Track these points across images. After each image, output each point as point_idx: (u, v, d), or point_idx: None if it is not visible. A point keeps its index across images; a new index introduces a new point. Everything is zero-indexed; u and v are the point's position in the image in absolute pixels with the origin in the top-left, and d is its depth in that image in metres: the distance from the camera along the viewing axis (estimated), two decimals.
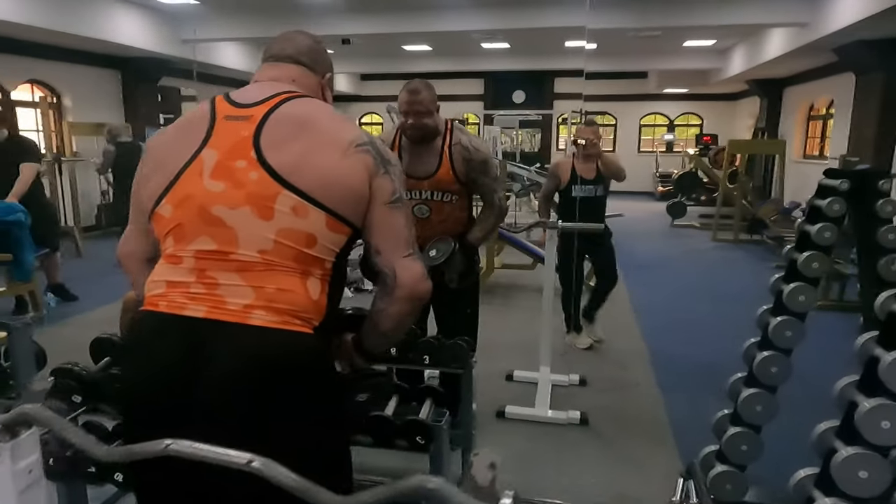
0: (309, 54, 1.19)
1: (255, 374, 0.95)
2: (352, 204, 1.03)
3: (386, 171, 1.06)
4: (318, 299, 1.02)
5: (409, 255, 1.08)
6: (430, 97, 2.24)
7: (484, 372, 3.33)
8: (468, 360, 1.99)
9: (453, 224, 2.39)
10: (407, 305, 1.10)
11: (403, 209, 1.09)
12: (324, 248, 1.02)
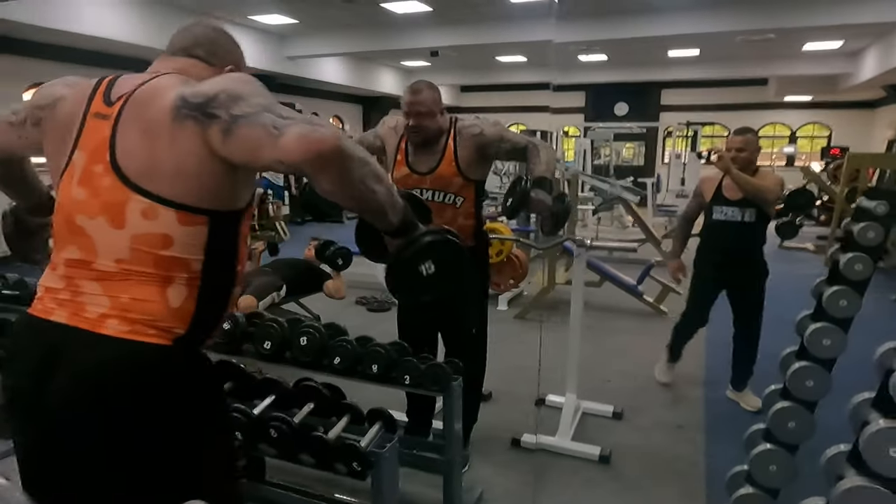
0: (206, 46, 1.14)
1: (95, 384, 0.94)
2: (196, 188, 0.96)
3: (207, 115, 0.93)
4: (182, 306, 0.99)
5: (276, 139, 0.89)
6: (433, 98, 2.17)
7: (513, 395, 3.20)
8: (449, 383, 1.89)
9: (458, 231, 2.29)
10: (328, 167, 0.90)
11: (243, 122, 0.91)
12: (183, 246, 0.98)
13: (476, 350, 2.47)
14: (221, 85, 0.96)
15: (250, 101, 0.94)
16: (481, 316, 2.48)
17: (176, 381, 1.00)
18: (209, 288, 1.02)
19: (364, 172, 0.97)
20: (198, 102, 0.94)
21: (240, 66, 1.19)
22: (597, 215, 8.63)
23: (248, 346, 2.10)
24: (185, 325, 1.00)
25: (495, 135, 2.23)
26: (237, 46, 1.21)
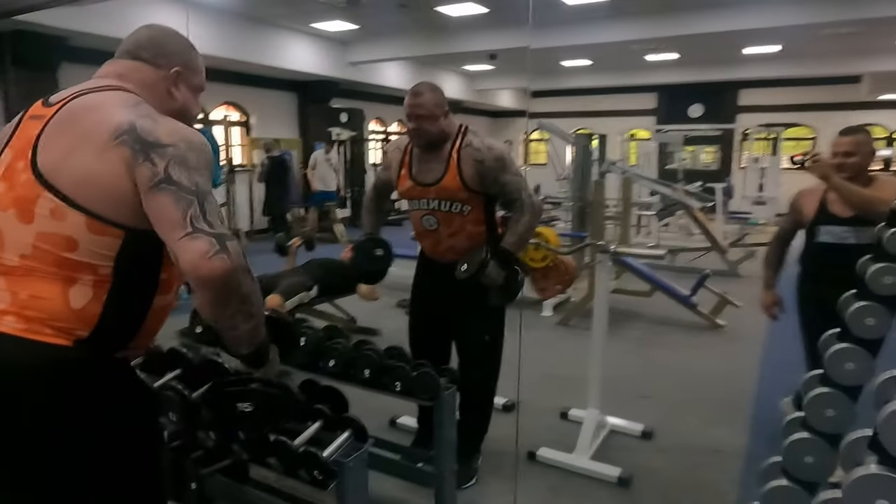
0: (150, 48, 1.14)
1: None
2: (112, 204, 0.95)
3: (147, 157, 0.95)
4: (84, 308, 0.96)
5: (184, 236, 0.93)
6: (434, 100, 2.09)
7: (539, 405, 3.05)
8: (439, 391, 1.80)
9: (466, 239, 2.21)
10: (206, 293, 0.95)
11: (168, 187, 0.95)
12: (90, 252, 0.96)
13: (488, 359, 2.37)
14: (177, 140, 0.98)
15: (191, 176, 0.96)
16: (497, 324, 2.37)
17: (74, 384, 0.97)
18: (121, 293, 0.99)
19: (238, 309, 1.00)
20: (147, 141, 0.95)
21: (188, 66, 1.18)
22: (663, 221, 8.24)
23: None
24: (89, 328, 0.97)
25: (494, 171, 2.13)
26: (187, 48, 1.19)
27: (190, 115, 1.20)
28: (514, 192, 2.15)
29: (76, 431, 0.97)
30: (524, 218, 2.15)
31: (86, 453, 0.98)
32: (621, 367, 3.68)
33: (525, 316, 4.86)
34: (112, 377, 1.02)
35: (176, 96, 1.15)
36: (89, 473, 0.99)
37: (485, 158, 2.11)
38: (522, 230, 2.16)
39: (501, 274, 2.12)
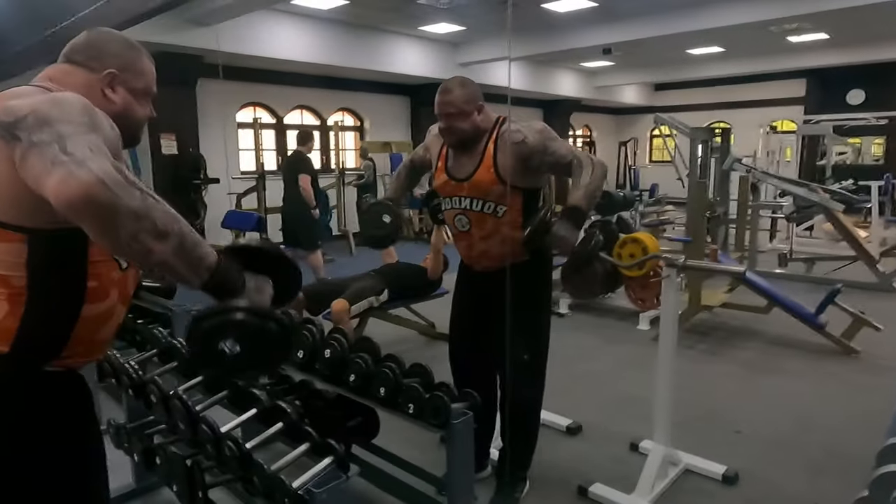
0: (85, 51, 1.11)
1: None
2: (9, 205, 0.92)
3: (13, 136, 0.87)
4: (0, 323, 0.95)
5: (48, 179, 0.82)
6: (465, 96, 1.94)
7: (608, 432, 2.76)
8: (448, 418, 1.65)
9: (501, 244, 2.03)
10: (84, 222, 0.82)
11: (34, 150, 0.85)
12: (0, 262, 0.94)
13: (530, 378, 2.16)
14: (34, 105, 0.90)
15: (53, 127, 0.86)
16: (538, 340, 2.16)
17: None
18: (40, 305, 0.97)
19: (138, 228, 0.83)
20: (7, 122, 0.89)
21: (127, 69, 1.13)
22: (802, 224, 7.28)
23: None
24: (7, 342, 0.95)
25: (538, 144, 1.93)
26: (127, 51, 1.15)
27: (133, 119, 1.15)
28: (565, 155, 1.93)
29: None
30: (586, 170, 1.87)
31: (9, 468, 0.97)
32: (717, 393, 3.24)
33: (617, 328, 4.52)
34: (35, 392, 1.01)
35: (113, 99, 1.11)
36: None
37: (525, 135, 1.93)
38: (588, 182, 1.86)
39: (575, 233, 1.85)
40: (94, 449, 1.12)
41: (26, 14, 3.66)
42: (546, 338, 2.19)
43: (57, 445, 1.03)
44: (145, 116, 1.19)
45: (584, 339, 4.30)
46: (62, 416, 1.04)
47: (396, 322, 4.04)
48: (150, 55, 1.20)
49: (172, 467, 1.75)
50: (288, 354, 1.06)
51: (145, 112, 1.19)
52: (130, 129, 1.15)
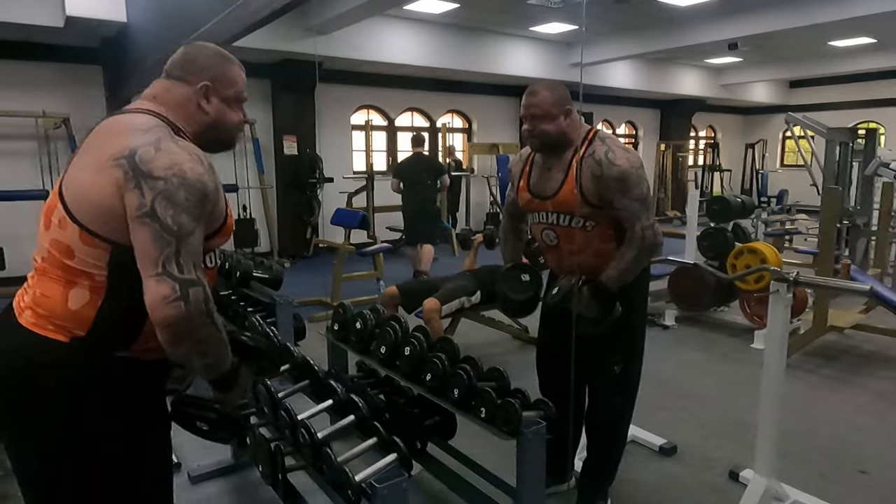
0: (181, 66, 1.20)
1: (4, 362, 1.08)
2: (101, 220, 1.02)
3: (137, 184, 0.99)
4: (80, 310, 1.05)
5: (153, 276, 0.99)
6: (553, 99, 1.87)
7: (707, 457, 2.55)
8: (519, 425, 1.60)
9: (594, 257, 1.94)
10: (161, 333, 1.02)
11: (151, 224, 0.99)
12: (84, 262, 1.04)
13: (618, 393, 2.05)
14: (170, 175, 1.01)
15: (176, 215, 1.01)
16: (630, 353, 2.04)
17: (65, 378, 1.06)
18: (116, 299, 1.05)
19: (191, 351, 1.07)
20: (141, 169, 1.00)
21: (219, 80, 1.20)
22: None
23: (374, 347, 2.15)
24: (84, 328, 1.05)
25: (610, 191, 1.85)
26: (219, 62, 1.22)
27: (226, 125, 1.24)
28: (627, 220, 1.87)
29: (56, 415, 1.07)
30: (631, 253, 1.88)
31: (60, 435, 1.07)
32: (842, 426, 2.89)
33: (728, 345, 4.18)
34: (104, 373, 1.09)
35: (207, 109, 1.20)
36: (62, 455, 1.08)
37: (603, 174, 1.84)
38: (626, 266, 1.90)
39: (593, 307, 1.90)
40: (153, 434, 1.19)
41: (164, 27, 4.08)
42: (640, 352, 2.07)
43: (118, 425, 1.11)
44: (238, 121, 1.27)
45: (688, 354, 4.02)
46: (125, 399, 1.12)
47: (489, 324, 4.02)
48: (240, 64, 1.27)
49: (259, 449, 1.85)
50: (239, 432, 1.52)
51: (238, 117, 1.26)
52: (224, 135, 1.24)
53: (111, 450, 1.10)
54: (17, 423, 1.10)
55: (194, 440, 1.35)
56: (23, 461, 1.13)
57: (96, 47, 6.04)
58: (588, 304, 1.90)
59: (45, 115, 5.87)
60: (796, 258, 6.01)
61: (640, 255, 1.89)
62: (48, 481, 1.10)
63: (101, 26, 5.27)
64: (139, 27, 4.79)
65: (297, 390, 1.86)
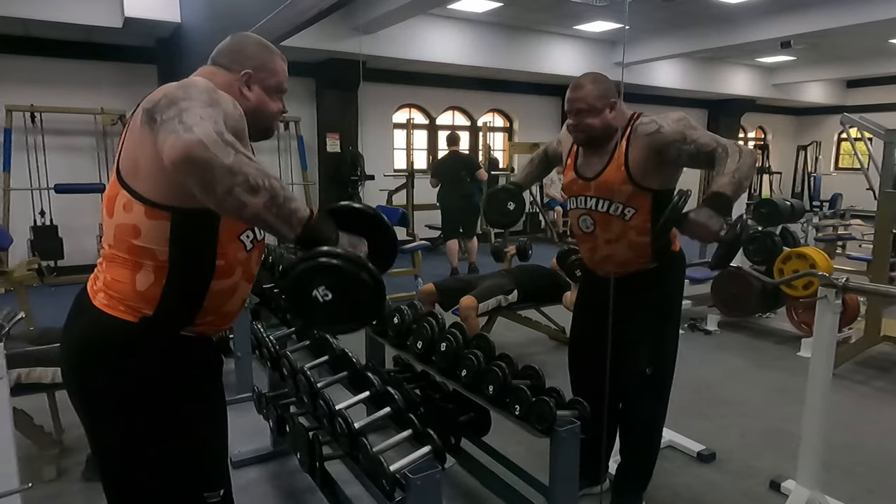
0: (227, 54, 1.24)
1: (78, 340, 1.15)
2: (153, 185, 1.06)
3: (151, 120, 1.00)
4: (147, 291, 1.11)
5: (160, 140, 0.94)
6: (597, 92, 1.85)
7: (747, 465, 2.49)
8: (553, 423, 1.60)
9: (627, 249, 1.92)
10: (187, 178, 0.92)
11: (161, 126, 0.96)
12: (149, 237, 1.09)
13: (651, 395, 2.02)
14: (166, 90, 1.04)
15: (177, 105, 0.98)
16: (663, 353, 2.02)
17: (135, 355, 1.13)
18: (178, 277, 1.11)
19: (232, 183, 0.91)
20: (148, 108, 1.03)
21: (261, 69, 1.25)
22: None
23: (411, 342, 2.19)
24: (151, 307, 1.12)
25: (675, 133, 1.78)
26: (263, 52, 1.26)
27: (266, 113, 1.28)
28: (706, 144, 1.74)
29: (137, 397, 1.13)
30: (732, 157, 1.67)
31: (134, 410, 1.14)
32: (893, 441, 2.77)
33: (773, 352, 4.06)
34: (168, 350, 1.15)
35: (248, 97, 1.24)
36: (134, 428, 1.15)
37: (661, 126, 1.80)
38: (735, 168, 1.65)
39: (717, 221, 1.61)
40: (211, 409, 1.25)
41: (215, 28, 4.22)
42: (672, 353, 2.04)
43: (183, 401, 1.18)
44: (277, 111, 1.30)
45: (731, 360, 3.92)
46: (191, 376, 1.20)
47: (525, 324, 4.01)
48: (282, 55, 1.32)
49: (297, 437, 1.92)
50: (380, 310, 1.03)
51: (277, 107, 1.30)
52: (263, 123, 1.28)
53: (174, 425, 1.16)
54: (91, 398, 1.17)
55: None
56: (96, 433, 1.20)
57: (152, 47, 6.28)
58: (709, 216, 1.61)
59: (104, 112, 6.13)
60: (849, 265, 5.79)
61: (745, 157, 1.66)
62: (119, 453, 1.17)
63: (156, 27, 5.48)
64: (192, 27, 4.96)
65: (336, 381, 1.91)
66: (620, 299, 1.87)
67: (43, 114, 5.99)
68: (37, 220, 6.02)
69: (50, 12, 5.16)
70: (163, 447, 1.15)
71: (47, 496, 2.23)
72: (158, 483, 1.17)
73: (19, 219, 5.92)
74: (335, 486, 1.87)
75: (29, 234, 5.95)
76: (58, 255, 5.98)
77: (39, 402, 2.43)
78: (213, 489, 1.23)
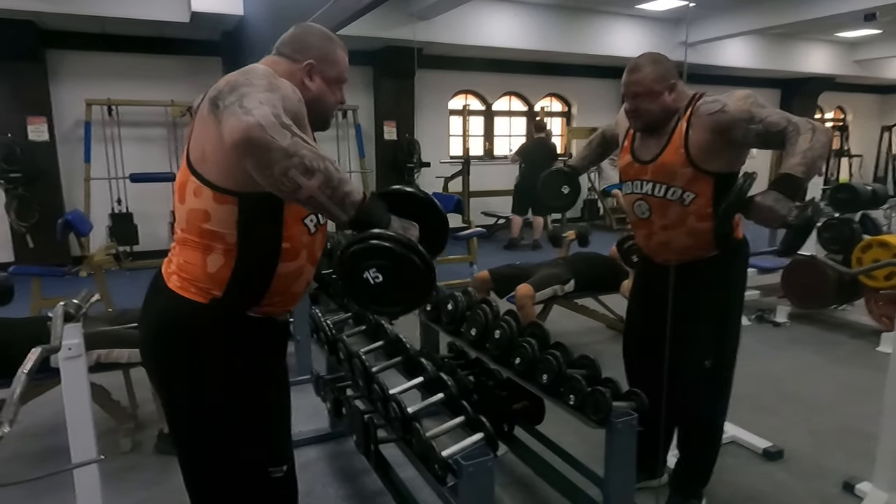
0: (290, 44, 1.26)
1: (155, 319, 1.22)
2: (221, 171, 1.09)
3: (215, 107, 1.03)
4: (217, 272, 1.15)
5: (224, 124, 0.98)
6: (655, 74, 1.76)
7: (819, 464, 2.37)
8: (609, 414, 1.57)
9: (686, 236, 1.84)
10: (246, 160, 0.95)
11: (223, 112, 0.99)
12: (218, 221, 1.13)
13: (710, 388, 1.94)
14: (229, 78, 1.07)
15: (238, 90, 1.00)
16: (724, 344, 1.93)
17: (206, 334, 1.18)
18: (246, 260, 1.15)
19: (288, 165, 0.93)
20: (212, 96, 1.06)
21: (323, 59, 1.26)
22: None
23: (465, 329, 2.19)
24: (221, 289, 1.16)
25: (741, 112, 1.68)
26: (325, 43, 1.28)
27: (325, 104, 1.29)
28: (778, 121, 1.63)
29: (208, 374, 1.19)
30: (805, 135, 1.57)
31: (205, 387, 1.19)
32: None
33: (849, 347, 3.84)
34: (237, 329, 1.20)
35: (309, 87, 1.26)
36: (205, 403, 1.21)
37: (725, 105, 1.70)
38: (808, 147, 1.54)
39: (786, 204, 1.53)
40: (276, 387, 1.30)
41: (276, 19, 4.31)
42: (734, 345, 1.95)
43: (249, 378, 1.22)
44: (336, 102, 1.32)
45: (802, 354, 3.72)
46: (257, 355, 1.24)
47: (583, 312, 3.94)
48: (344, 46, 1.33)
49: (353, 419, 1.96)
50: (430, 293, 1.05)
51: (336, 98, 1.32)
52: (322, 114, 1.30)
53: (242, 402, 1.22)
54: (166, 376, 1.24)
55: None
56: (172, 409, 1.27)
57: (217, 40, 6.50)
58: (776, 199, 1.54)
59: (174, 104, 6.42)
60: None
61: (818, 136, 1.56)
62: (191, 429, 1.24)
63: (221, 20, 5.66)
64: (254, 19, 5.10)
65: (390, 366, 1.94)
66: (679, 289, 1.80)
67: (118, 107, 6.33)
68: (114, 207, 6.40)
69: (125, 10, 5.43)
70: (232, 423, 1.21)
71: (124, 467, 2.38)
72: (228, 457, 1.23)
73: (99, 206, 6.30)
74: (389, 468, 1.91)
75: (108, 220, 6.33)
76: (133, 241, 6.34)
77: (116, 379, 2.59)
78: (278, 465, 1.28)
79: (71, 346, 1.36)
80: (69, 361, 1.37)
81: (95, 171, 6.26)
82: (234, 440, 1.22)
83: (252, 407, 1.23)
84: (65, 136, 6.32)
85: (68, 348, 1.35)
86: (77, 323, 1.37)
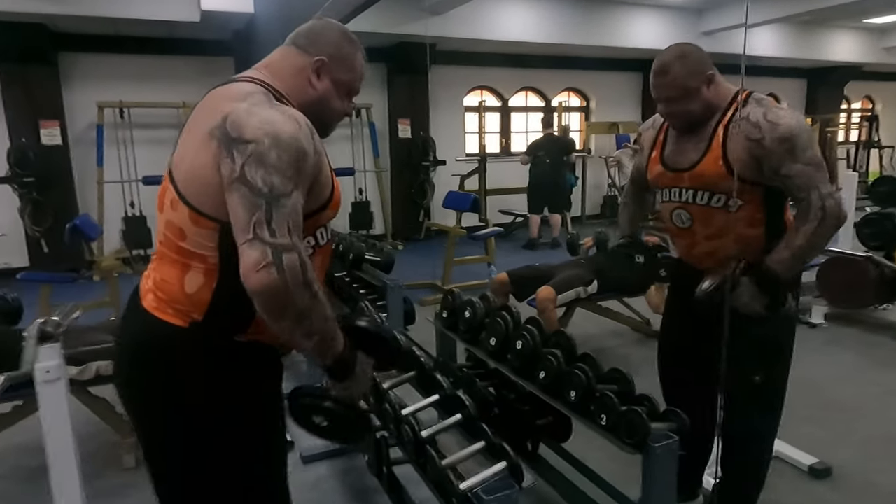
0: (307, 35, 1.16)
1: (129, 343, 1.10)
2: (207, 197, 0.98)
3: (228, 152, 0.94)
4: (196, 293, 1.02)
5: (245, 243, 0.92)
6: (686, 70, 1.58)
7: (870, 481, 2.18)
8: (646, 437, 1.41)
9: (734, 244, 1.66)
10: (256, 303, 0.93)
11: (242, 190, 0.93)
12: (195, 242, 1.00)
13: (758, 405, 1.77)
14: (261, 135, 0.95)
15: (267, 176, 0.93)
16: (774, 358, 1.75)
17: (185, 361, 1.04)
18: (229, 283, 1.00)
19: (293, 327, 0.97)
20: (231, 137, 0.95)
21: (337, 60, 1.15)
22: None
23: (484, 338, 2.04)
24: (201, 312, 1.02)
25: (775, 156, 1.54)
26: (343, 43, 1.17)
27: (328, 109, 1.16)
28: (801, 188, 1.54)
29: (189, 404, 1.05)
30: (809, 226, 1.54)
31: (183, 421, 1.06)
32: None
33: (893, 348, 3.59)
34: (220, 354, 1.07)
35: (316, 86, 1.13)
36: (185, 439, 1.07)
37: (763, 136, 1.53)
38: (803, 243, 1.55)
39: (759, 300, 1.60)
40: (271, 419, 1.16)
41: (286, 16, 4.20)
42: (787, 359, 1.77)
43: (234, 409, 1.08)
44: (342, 111, 1.20)
45: (843, 357, 3.51)
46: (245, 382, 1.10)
47: (605, 314, 3.75)
48: (364, 52, 1.21)
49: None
50: (364, 434, 1.42)
51: (342, 106, 1.19)
52: (324, 119, 1.16)
53: (228, 434, 1.08)
54: (141, 404, 1.11)
55: None
56: (146, 439, 1.15)
57: (228, 39, 6.41)
58: (752, 297, 1.60)
59: (185, 105, 6.34)
60: None
61: (822, 230, 1.54)
62: (166, 459, 1.13)
63: (231, 19, 5.56)
64: (265, 17, 4.99)
65: (404, 381, 1.79)
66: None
67: (130, 109, 6.27)
68: (127, 210, 6.34)
69: (135, 10, 5.36)
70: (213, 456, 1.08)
71: (125, 484, 2.26)
72: (208, 494, 1.10)
73: (113, 210, 6.25)
74: (403, 491, 1.76)
75: (121, 224, 6.29)
76: (147, 244, 6.27)
77: None
78: None
79: (49, 369, 1.23)
80: (47, 385, 1.24)
81: (108, 175, 6.22)
82: (215, 474, 1.09)
83: (234, 448, 1.10)
84: (78, 139, 6.28)
85: (46, 371, 1.23)
86: (55, 343, 1.24)
